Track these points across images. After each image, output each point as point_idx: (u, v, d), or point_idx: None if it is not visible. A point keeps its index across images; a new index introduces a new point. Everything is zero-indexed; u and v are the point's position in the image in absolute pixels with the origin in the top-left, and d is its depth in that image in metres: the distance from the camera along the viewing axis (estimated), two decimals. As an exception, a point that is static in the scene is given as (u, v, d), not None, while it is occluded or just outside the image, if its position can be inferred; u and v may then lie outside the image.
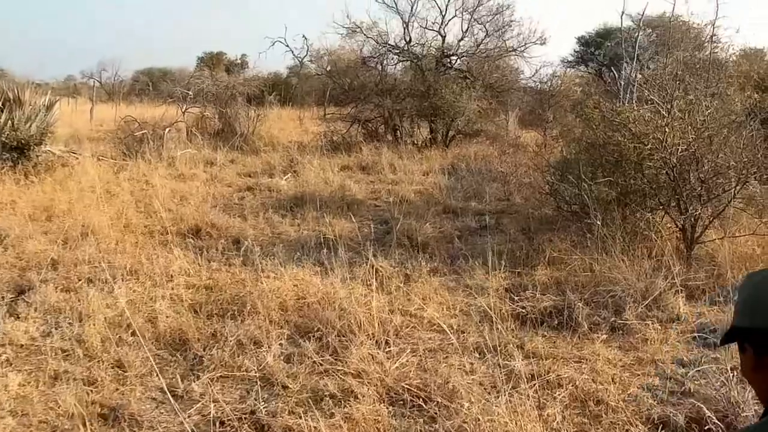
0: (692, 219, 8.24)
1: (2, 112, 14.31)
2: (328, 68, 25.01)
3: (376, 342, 6.01)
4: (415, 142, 21.77)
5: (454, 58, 23.25)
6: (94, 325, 6.40)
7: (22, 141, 14.40)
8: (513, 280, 7.84)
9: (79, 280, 7.80)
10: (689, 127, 8.32)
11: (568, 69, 31.68)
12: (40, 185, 12.67)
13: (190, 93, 22.77)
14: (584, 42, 34.97)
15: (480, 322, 6.48)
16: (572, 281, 7.53)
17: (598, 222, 7.97)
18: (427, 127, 22.38)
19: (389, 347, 5.94)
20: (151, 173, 15.06)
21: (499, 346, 5.78)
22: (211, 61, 53.83)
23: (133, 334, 6.32)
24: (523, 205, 12.14)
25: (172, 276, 7.98)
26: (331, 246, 8.99)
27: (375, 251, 8.98)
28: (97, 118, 29.15)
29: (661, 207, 8.66)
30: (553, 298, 7.05)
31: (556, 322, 6.55)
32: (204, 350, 5.94)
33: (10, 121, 14.32)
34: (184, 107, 22.28)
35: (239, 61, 55.13)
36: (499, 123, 22.75)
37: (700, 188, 8.24)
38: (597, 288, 7.11)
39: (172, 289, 7.60)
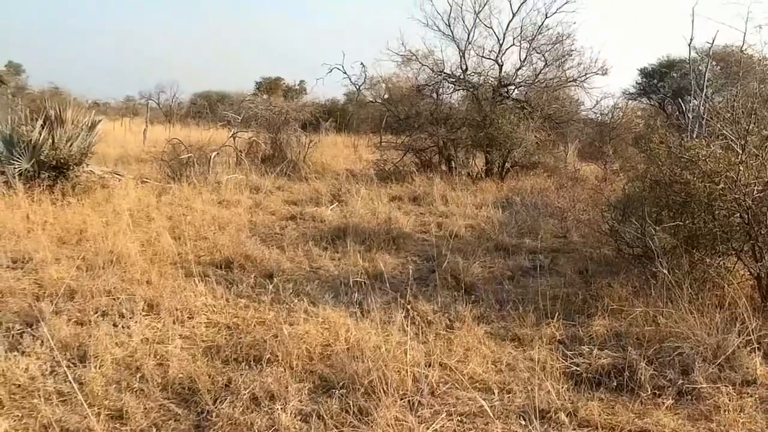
0: (769, 267, 7.42)
1: (43, 129, 13.93)
2: (386, 96, 24.47)
3: (409, 402, 5.29)
4: (470, 173, 21.11)
5: (512, 87, 22.53)
6: (100, 366, 5.83)
7: (62, 160, 14.03)
8: (567, 331, 7.04)
9: (95, 313, 7.21)
10: (767, 166, 7.50)
11: (630, 101, 30.86)
12: (77, 206, 12.20)
13: (239, 117, 22.34)
14: (646, 73, 34.21)
15: (528, 380, 5.75)
16: (633, 334, 6.74)
17: (664, 270, 7.16)
18: (483, 158, 21.70)
19: (422, 409, 5.23)
20: (194, 198, 14.61)
21: (549, 411, 5.06)
22: (269, 86, 54.03)
23: (142, 378, 5.72)
24: (580, 244, 11.37)
25: (193, 313, 7.37)
26: (371, 284, 8.38)
27: (417, 292, 8.35)
28: (151, 139, 28.94)
29: (733, 252, 7.83)
30: (612, 355, 6.26)
31: (614, 383, 5.72)
32: (214, 403, 5.28)
33: (50, 140, 13.95)
34: (234, 131, 21.84)
35: (297, 87, 55.18)
36: (558, 155, 22.03)
37: (778, 233, 7.42)
38: (662, 344, 6.30)
39: (193, 327, 7.03)
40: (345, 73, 23.89)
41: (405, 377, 5.57)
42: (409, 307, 7.18)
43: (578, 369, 5.99)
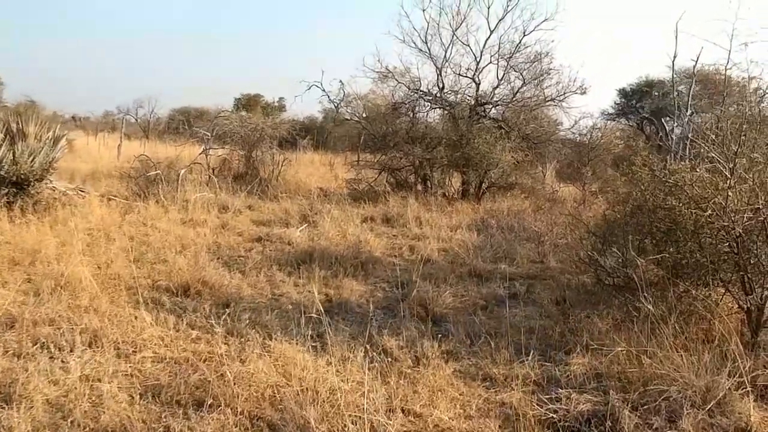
0: (759, 300, 6.89)
1: (3, 144, 13.29)
2: (365, 114, 23.99)
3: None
4: (446, 193, 20.62)
5: (489, 106, 22.08)
6: (29, 408, 5.24)
7: (22, 176, 13.38)
8: (543, 370, 6.46)
9: (34, 345, 6.62)
10: (757, 191, 6.99)
11: (608, 121, 30.53)
12: (37, 224, 11.56)
13: (209, 133, 21.75)
14: (625, 94, 33.91)
15: (501, 428, 5.20)
16: (615, 374, 6.20)
17: (648, 306, 6.62)
18: (460, 178, 21.22)
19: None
20: (160, 217, 14.03)
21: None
22: (248, 102, 53.53)
23: (73, 424, 5.13)
24: (558, 270, 10.85)
25: (140, 346, 6.77)
26: (335, 314, 7.85)
27: (383, 323, 7.80)
28: (126, 154, 28.25)
29: (721, 284, 7.32)
30: (593, 399, 5.70)
31: None
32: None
33: (11, 154, 13.30)
34: (204, 148, 21.27)
35: (276, 104, 54.70)
36: (536, 176, 21.58)
37: (770, 264, 6.90)
38: (646, 387, 5.75)
39: (138, 363, 6.43)
40: (323, 90, 23.32)
41: (362, 427, 4.99)
42: (368, 344, 6.62)
43: (555, 416, 5.43)
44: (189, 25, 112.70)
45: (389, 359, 6.59)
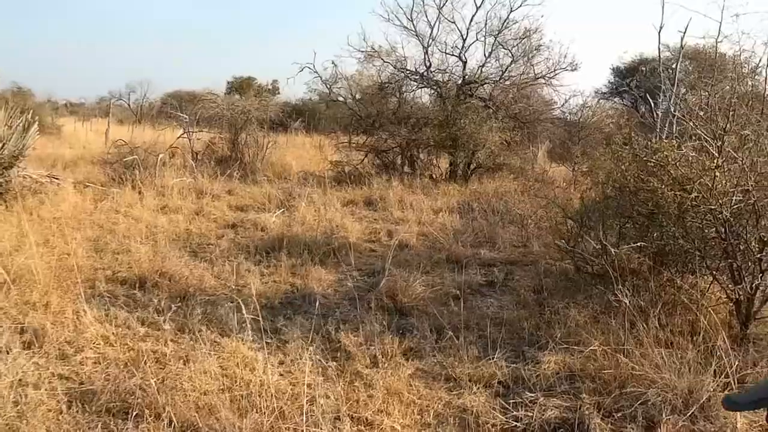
0: (749, 289, 6.37)
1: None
2: (351, 95, 23.39)
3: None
4: (433, 175, 20.08)
5: (476, 85, 21.49)
6: (-53, 420, 4.74)
7: (-11, 164, 12.86)
8: (513, 368, 5.94)
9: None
10: (747, 171, 6.45)
11: (602, 100, 29.94)
12: (5, 214, 11.03)
13: (186, 117, 21.19)
14: (619, 73, 33.31)
15: (458, 439, 4.70)
16: (590, 374, 5.68)
17: (626, 300, 6.08)
18: (447, 159, 20.69)
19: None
20: (135, 203, 13.48)
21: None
22: (241, 85, 52.88)
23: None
24: (541, 255, 10.31)
25: (83, 346, 6.25)
26: (298, 306, 7.35)
27: (347, 316, 7.30)
28: (116, 140, 27.74)
29: (708, 272, 6.80)
30: (562, 405, 5.18)
31: None
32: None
33: (-23, 142, 12.78)
34: (182, 132, 20.73)
35: (270, 87, 54.03)
36: (525, 156, 21.02)
37: (760, 250, 6.36)
38: (623, 390, 5.25)
39: (79, 364, 5.92)
40: (316, 72, 22.72)
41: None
42: (326, 341, 6.12)
43: (518, 425, 4.90)
44: (183, 9, 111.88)
45: (346, 358, 6.09)
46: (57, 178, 15.13)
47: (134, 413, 4.80)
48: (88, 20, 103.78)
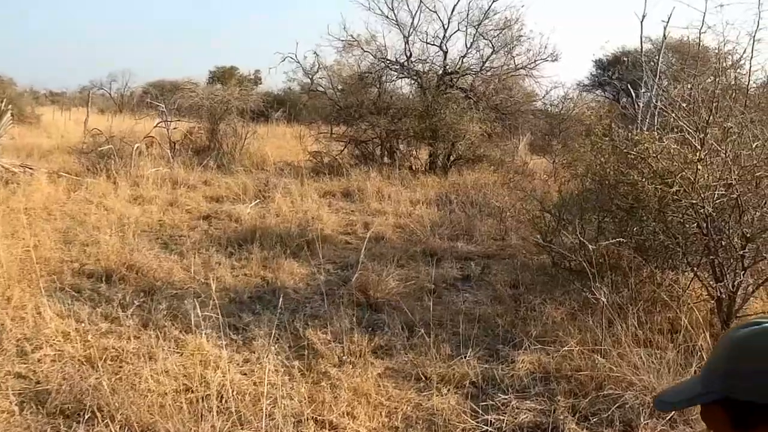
0: (731, 287, 6.17)
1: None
2: (331, 85, 23.08)
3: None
4: (412, 166, 19.83)
5: (457, 75, 21.24)
6: None
7: (-42, 155, 12.56)
8: (485, 369, 5.72)
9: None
10: (730, 164, 6.25)
11: (584, 92, 29.74)
12: None
13: (163, 105, 20.87)
14: (601, 65, 33.14)
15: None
16: (565, 374, 5.47)
17: (603, 299, 5.86)
18: (427, 151, 20.44)
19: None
20: (109, 194, 13.18)
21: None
22: (223, 75, 52.39)
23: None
24: (519, 248, 10.10)
25: (42, 343, 5.99)
26: (268, 301, 7.11)
27: (317, 311, 7.08)
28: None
29: (689, 268, 6.60)
30: (536, 408, 4.96)
31: None
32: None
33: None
34: (159, 121, 20.43)
35: (252, 77, 53.57)
36: (506, 148, 20.78)
37: (742, 247, 6.16)
38: (599, 392, 5.04)
39: (37, 362, 5.67)
40: (298, 62, 22.41)
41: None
42: (293, 338, 5.88)
43: (489, 430, 4.68)
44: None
45: (313, 356, 5.86)
46: (31, 168, 14.86)
47: (86, 416, 4.56)
48: (71, 10, 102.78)
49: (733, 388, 1.27)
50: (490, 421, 4.70)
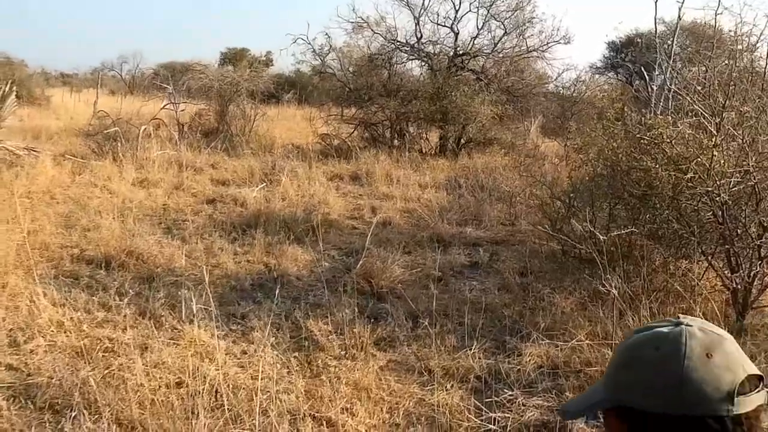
0: (747, 277, 5.95)
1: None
2: (348, 68, 22.84)
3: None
4: (422, 149, 19.61)
5: (468, 57, 20.98)
6: None
7: (-38, 137, 12.40)
8: (491, 362, 5.52)
9: None
10: (747, 150, 6.01)
11: (597, 75, 29.42)
12: None
13: (171, 87, 20.65)
14: (614, 47, 32.78)
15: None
16: (575, 369, 5.27)
17: (614, 291, 5.64)
18: (437, 133, 20.22)
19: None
20: (114, 177, 13.00)
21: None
22: (234, 56, 52.16)
23: None
24: (528, 234, 9.88)
25: (36, 333, 5.82)
26: (269, 288, 6.93)
27: (319, 300, 6.89)
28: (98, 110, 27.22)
29: (703, 258, 6.38)
30: (543, 404, 4.75)
31: None
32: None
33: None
34: (166, 103, 20.24)
35: (264, 58, 53.31)
36: (517, 131, 20.53)
37: (759, 236, 5.94)
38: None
39: (30, 353, 5.50)
40: (310, 43, 22.17)
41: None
42: (294, 329, 5.69)
43: (493, 428, 4.48)
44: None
45: (313, 348, 5.68)
46: (36, 151, 14.65)
47: (74, 413, 4.37)
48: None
49: (623, 397, 1.26)
50: (495, 419, 4.50)
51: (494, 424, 4.45)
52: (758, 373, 1.23)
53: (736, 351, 1.24)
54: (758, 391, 1.22)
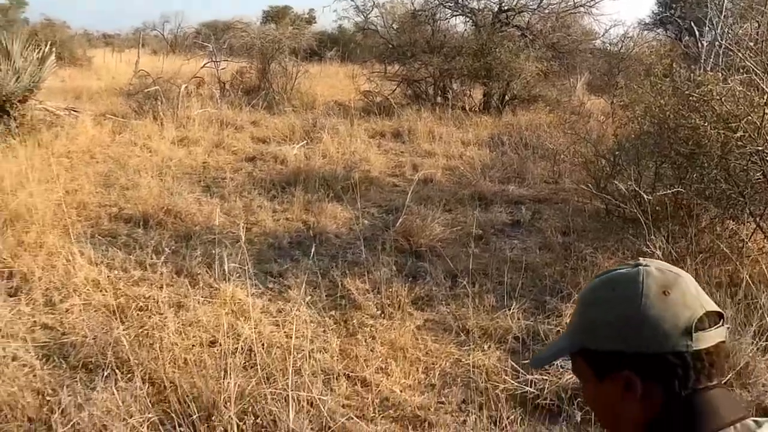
0: (797, 239, 5.76)
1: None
2: (391, 24, 22.61)
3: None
4: (465, 106, 19.36)
5: (513, 13, 20.63)
6: None
7: (3, 98, 12.38)
8: (530, 323, 5.41)
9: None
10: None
11: (645, 31, 28.84)
12: (20, 148, 10.53)
13: (211, 46, 20.59)
14: (664, 3, 32.14)
15: (462, 407, 4.20)
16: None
17: (658, 252, 5.48)
18: (481, 90, 19.96)
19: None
20: (154, 135, 12.99)
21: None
22: (277, 15, 52.02)
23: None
24: (572, 192, 9.69)
25: (72, 292, 5.80)
26: (307, 246, 6.86)
27: (357, 258, 6.80)
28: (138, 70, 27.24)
29: (751, 219, 6.18)
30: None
31: (579, 416, 4.11)
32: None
33: (-8, 76, 12.28)
34: (207, 61, 20.20)
35: (306, 16, 53.10)
36: (562, 88, 20.20)
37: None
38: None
39: (65, 312, 5.49)
40: (352, 0, 21.98)
41: (282, 407, 3.99)
42: (331, 287, 5.61)
43: (530, 391, 4.37)
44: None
45: (350, 307, 5.60)
46: (76, 111, 14.68)
47: (106, 372, 4.34)
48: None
49: (585, 340, 1.28)
50: (533, 381, 4.39)
51: (532, 387, 4.35)
52: (717, 309, 1.23)
53: (693, 288, 1.24)
54: (717, 328, 1.22)
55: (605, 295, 1.26)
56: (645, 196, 5.94)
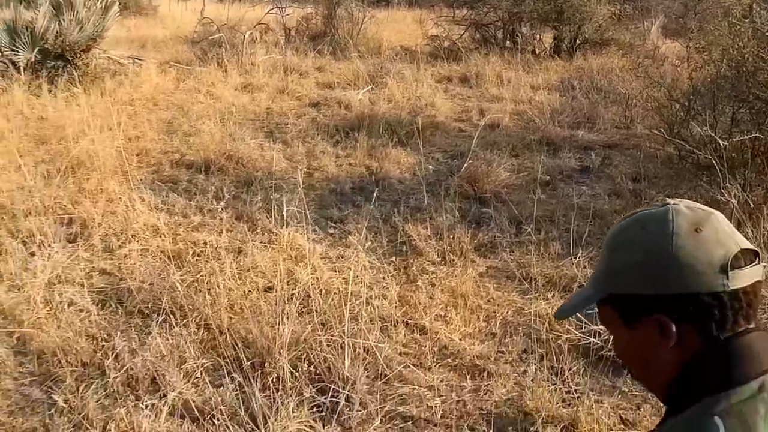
0: None
1: (46, 15, 12.32)
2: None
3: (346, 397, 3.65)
4: (535, 50, 18.96)
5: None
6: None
7: (68, 48, 12.45)
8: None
9: (15, 237, 5.69)
10: None
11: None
12: (83, 97, 10.54)
13: (275, -9, 20.48)
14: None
15: (523, 357, 4.05)
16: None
17: (733, 200, 5.21)
18: (552, 34, 19.51)
19: (352, 408, 3.58)
20: (218, 82, 12.94)
21: (536, 421, 3.37)
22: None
23: (19, 341, 4.22)
24: (644, 138, 9.37)
25: (131, 238, 5.77)
26: (370, 192, 6.73)
27: (420, 204, 6.66)
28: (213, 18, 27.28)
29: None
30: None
31: None
32: (72, 393, 3.73)
33: (56, 25, 12.34)
34: (271, 8, 20.09)
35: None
36: (636, 32, 19.64)
37: None
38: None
39: (124, 257, 5.46)
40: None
41: (336, 353, 3.89)
42: (393, 232, 5.50)
43: (595, 342, 4.20)
44: None
45: (412, 253, 5.47)
46: (140, 59, 14.69)
47: (161, 317, 4.28)
48: None
49: (613, 285, 1.23)
50: (597, 332, 4.21)
51: (596, 338, 4.18)
52: (752, 247, 1.16)
53: (726, 225, 1.19)
54: (754, 266, 1.15)
55: (633, 236, 1.22)
56: (720, 142, 5.67)
